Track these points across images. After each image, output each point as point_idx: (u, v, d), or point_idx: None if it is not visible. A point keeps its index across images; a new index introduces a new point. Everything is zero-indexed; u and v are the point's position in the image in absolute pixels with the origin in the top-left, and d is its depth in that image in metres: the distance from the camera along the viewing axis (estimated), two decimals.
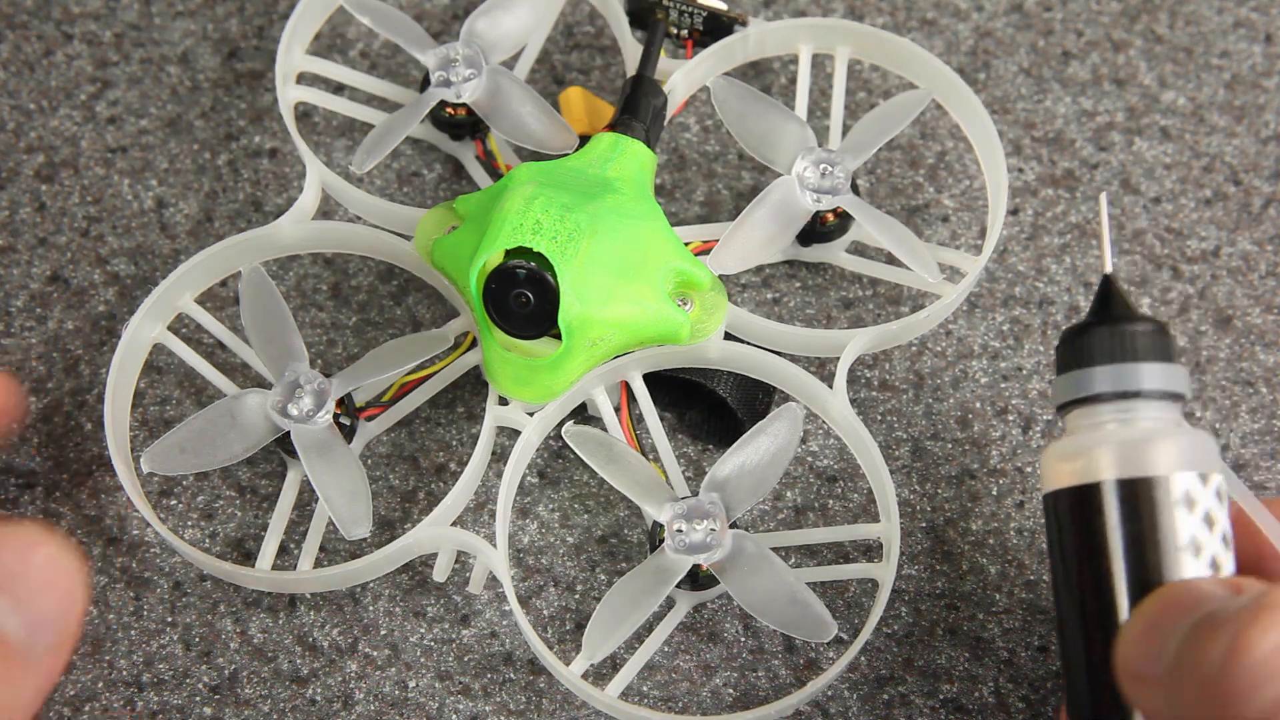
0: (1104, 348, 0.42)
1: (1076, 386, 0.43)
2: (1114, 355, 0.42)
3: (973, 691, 0.49)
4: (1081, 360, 0.43)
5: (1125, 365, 0.42)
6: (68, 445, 0.52)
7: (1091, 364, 0.42)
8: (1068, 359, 0.43)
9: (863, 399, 0.52)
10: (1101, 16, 0.59)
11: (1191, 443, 0.41)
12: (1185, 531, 0.40)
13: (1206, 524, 0.41)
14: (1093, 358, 0.42)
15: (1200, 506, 0.41)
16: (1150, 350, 0.42)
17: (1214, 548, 0.41)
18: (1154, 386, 0.42)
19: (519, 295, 0.46)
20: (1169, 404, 0.42)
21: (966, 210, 0.55)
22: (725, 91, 0.52)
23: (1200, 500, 0.41)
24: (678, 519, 0.47)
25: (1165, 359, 0.42)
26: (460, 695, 0.49)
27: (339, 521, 0.47)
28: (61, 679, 0.49)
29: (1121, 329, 0.42)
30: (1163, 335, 0.43)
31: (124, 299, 0.54)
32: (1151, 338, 0.42)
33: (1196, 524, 0.40)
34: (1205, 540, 0.40)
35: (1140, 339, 0.42)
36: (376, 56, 0.58)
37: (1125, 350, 0.42)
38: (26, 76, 0.58)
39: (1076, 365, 0.43)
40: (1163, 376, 0.42)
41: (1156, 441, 0.41)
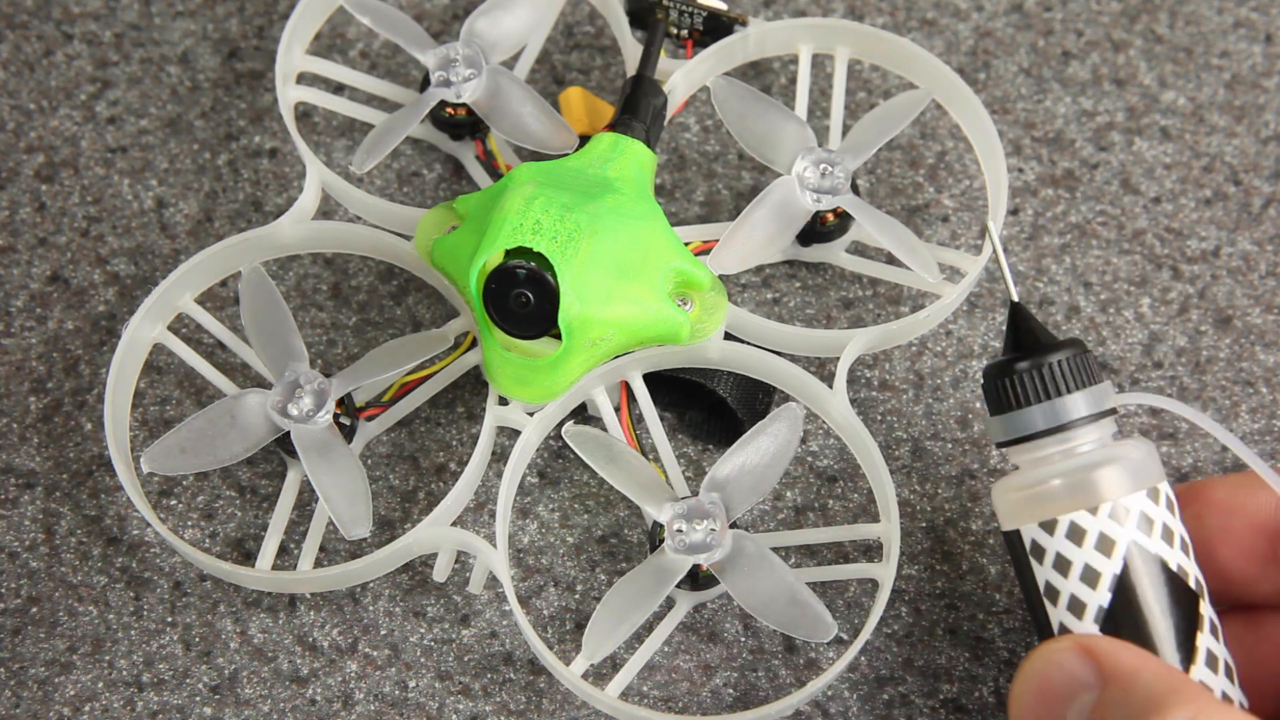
0: (1031, 387, 0.44)
1: (991, 431, 0.45)
2: (1043, 392, 0.44)
3: (973, 691, 0.49)
4: (1001, 404, 0.44)
5: (1055, 402, 0.43)
6: (68, 445, 0.52)
7: (1020, 406, 0.44)
8: (997, 400, 0.45)
9: (863, 399, 0.52)
10: (1101, 16, 0.59)
11: (1048, 491, 0.43)
12: (1040, 578, 0.43)
13: (1059, 570, 0.43)
14: (991, 404, 0.45)
15: (1049, 554, 0.43)
16: (1075, 379, 0.44)
17: (1071, 589, 0.42)
18: (1086, 413, 0.43)
19: (519, 295, 0.46)
20: (1100, 424, 0.44)
21: (966, 210, 0.55)
22: (725, 91, 0.52)
23: (1048, 548, 0.43)
24: (678, 519, 0.47)
25: (1087, 383, 0.44)
26: (460, 695, 0.49)
27: (339, 521, 0.47)
28: (61, 679, 0.49)
29: (1042, 362, 0.44)
30: (1081, 357, 0.44)
31: (124, 299, 0.54)
32: (1072, 365, 0.44)
33: (1048, 571, 0.43)
34: (1060, 585, 0.43)
35: (1062, 369, 0.44)
36: (376, 56, 0.58)
37: (1052, 385, 0.44)
38: (26, 76, 0.58)
39: (1004, 407, 0.44)
40: (1090, 402, 0.44)
41: (1021, 500, 0.44)
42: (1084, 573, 0.42)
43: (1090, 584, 0.42)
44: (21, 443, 0.52)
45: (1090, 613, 0.42)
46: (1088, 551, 0.42)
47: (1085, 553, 0.42)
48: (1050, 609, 0.43)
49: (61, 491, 0.51)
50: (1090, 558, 0.42)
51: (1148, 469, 0.43)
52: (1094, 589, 0.42)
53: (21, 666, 0.49)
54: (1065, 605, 0.42)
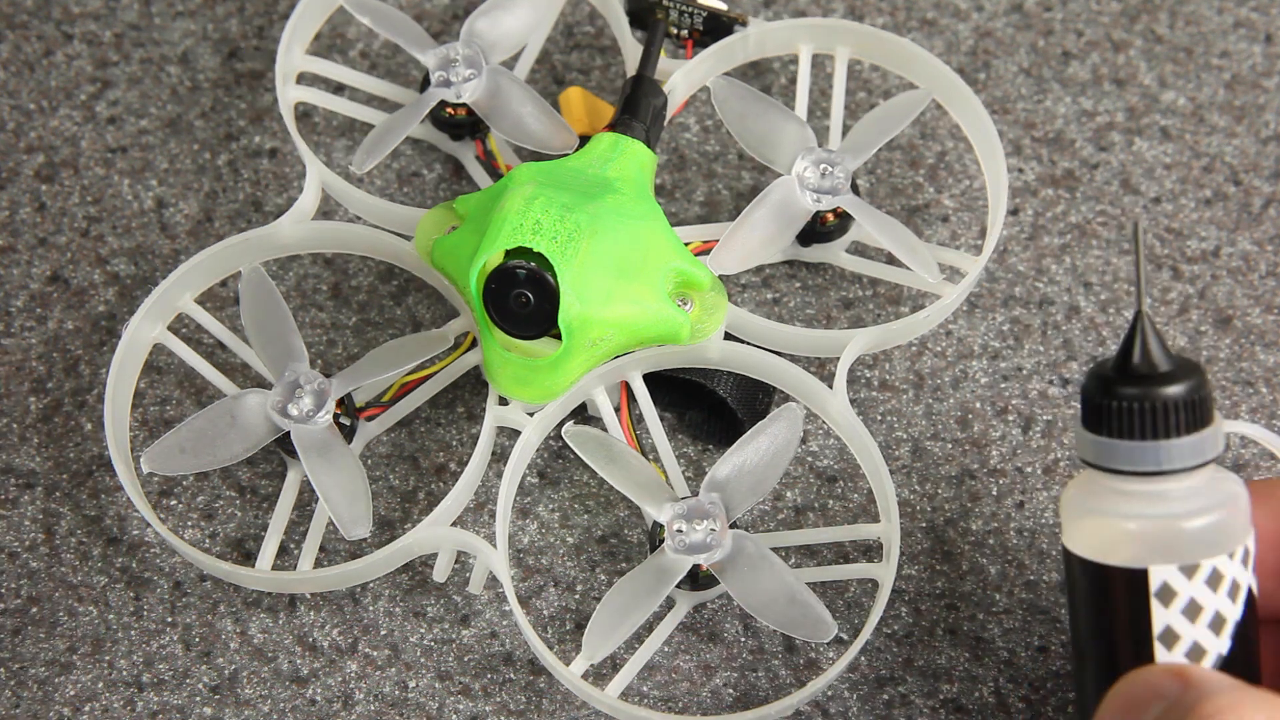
0: (1132, 420, 0.40)
1: (1100, 455, 0.41)
2: (1142, 430, 0.40)
3: (973, 691, 0.49)
4: (1108, 426, 0.40)
5: (1152, 444, 0.40)
6: (68, 445, 0.52)
7: (1118, 435, 0.40)
8: (1095, 413, 0.41)
9: (863, 399, 0.52)
10: (1101, 16, 0.59)
11: (1194, 532, 0.40)
12: (1160, 623, 0.40)
13: (1188, 615, 0.40)
14: (1120, 428, 0.40)
15: (1181, 598, 0.40)
16: (1181, 423, 0.40)
17: (1196, 635, 0.40)
18: (1182, 465, 0.40)
19: (519, 295, 0.46)
20: (1197, 474, 0.41)
21: (966, 210, 0.55)
22: (725, 91, 0.52)
23: (1181, 592, 0.40)
24: (678, 519, 0.47)
25: (1198, 426, 0.40)
26: (460, 695, 0.49)
27: (339, 521, 0.47)
28: (61, 679, 0.49)
29: (1153, 397, 0.40)
30: (1198, 394, 0.40)
31: (124, 299, 0.54)
32: (1184, 406, 0.40)
33: (1174, 616, 0.40)
34: (1184, 630, 0.40)
35: (1171, 411, 0.40)
36: (376, 56, 0.58)
37: (1155, 425, 0.40)
38: (26, 76, 0.58)
39: (1103, 429, 0.41)
40: (1192, 451, 0.40)
41: (1150, 537, 0.40)
42: (1213, 619, 0.40)
43: (1216, 631, 0.40)
44: (21, 443, 0.52)
45: (1209, 660, 0.40)
46: (1221, 598, 0.40)
47: (1219, 599, 0.40)
48: (1162, 652, 0.40)
49: (61, 491, 0.51)
50: (1222, 604, 0.40)
51: (1249, 507, 0.41)
52: (1218, 635, 0.40)
53: (21, 666, 0.49)
54: (1183, 651, 0.40)
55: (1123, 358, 0.41)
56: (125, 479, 0.48)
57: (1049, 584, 0.50)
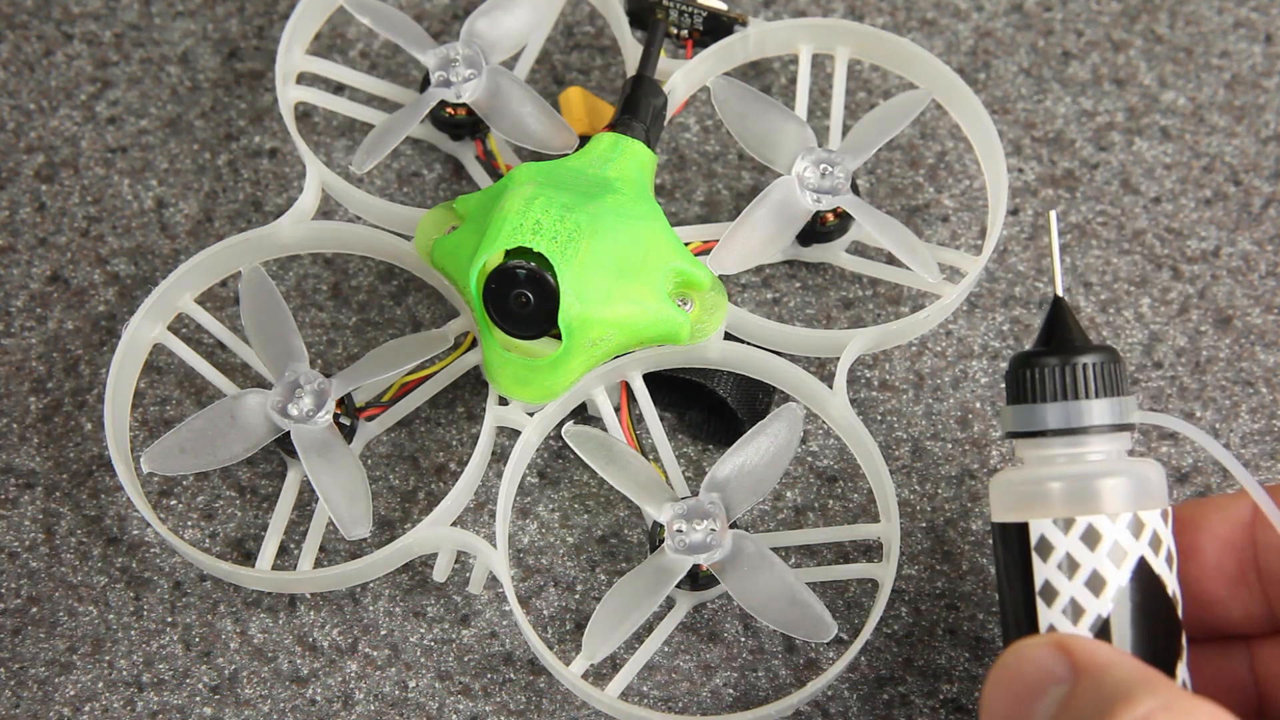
0: (1054, 383, 0.43)
1: (1025, 421, 0.43)
2: (1062, 391, 0.43)
3: (973, 691, 0.49)
4: (1031, 394, 0.43)
5: (1073, 403, 0.43)
6: (68, 445, 0.52)
7: (1041, 400, 0.43)
8: (1018, 388, 0.43)
9: (863, 399, 0.52)
10: (1101, 16, 0.59)
11: (1070, 488, 0.42)
12: (1040, 577, 0.42)
13: (1065, 571, 0.42)
14: (1041, 393, 0.43)
15: (1057, 553, 0.42)
16: (1098, 385, 0.43)
17: (1073, 592, 0.41)
18: (1103, 422, 0.42)
19: (519, 295, 0.46)
20: (1117, 436, 0.43)
21: (966, 210, 0.55)
22: (725, 91, 0.52)
23: (1058, 546, 0.42)
24: (678, 519, 0.47)
25: (1113, 392, 0.43)
26: (460, 695, 0.49)
27: (339, 521, 0.47)
28: (61, 679, 0.49)
29: (1072, 362, 0.43)
30: (1112, 365, 0.43)
31: (124, 299, 0.54)
32: (1100, 370, 0.43)
33: (1051, 570, 0.42)
34: (1061, 586, 0.42)
35: (1089, 372, 0.43)
36: (376, 56, 0.58)
37: (1074, 385, 0.43)
38: (26, 76, 0.58)
39: (1026, 397, 0.43)
40: (1109, 411, 0.43)
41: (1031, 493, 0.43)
42: (1090, 578, 0.41)
43: (1095, 591, 0.41)
44: (21, 443, 0.52)
45: (1087, 620, 0.41)
46: (1099, 557, 0.41)
47: (1097, 558, 0.41)
48: (1043, 609, 0.42)
49: (61, 491, 0.51)
50: (1101, 564, 0.41)
51: (1163, 490, 0.42)
52: (1097, 596, 0.41)
53: (21, 666, 0.49)
54: (1061, 608, 0.42)
55: (1044, 336, 0.44)
56: (125, 479, 0.48)
57: None
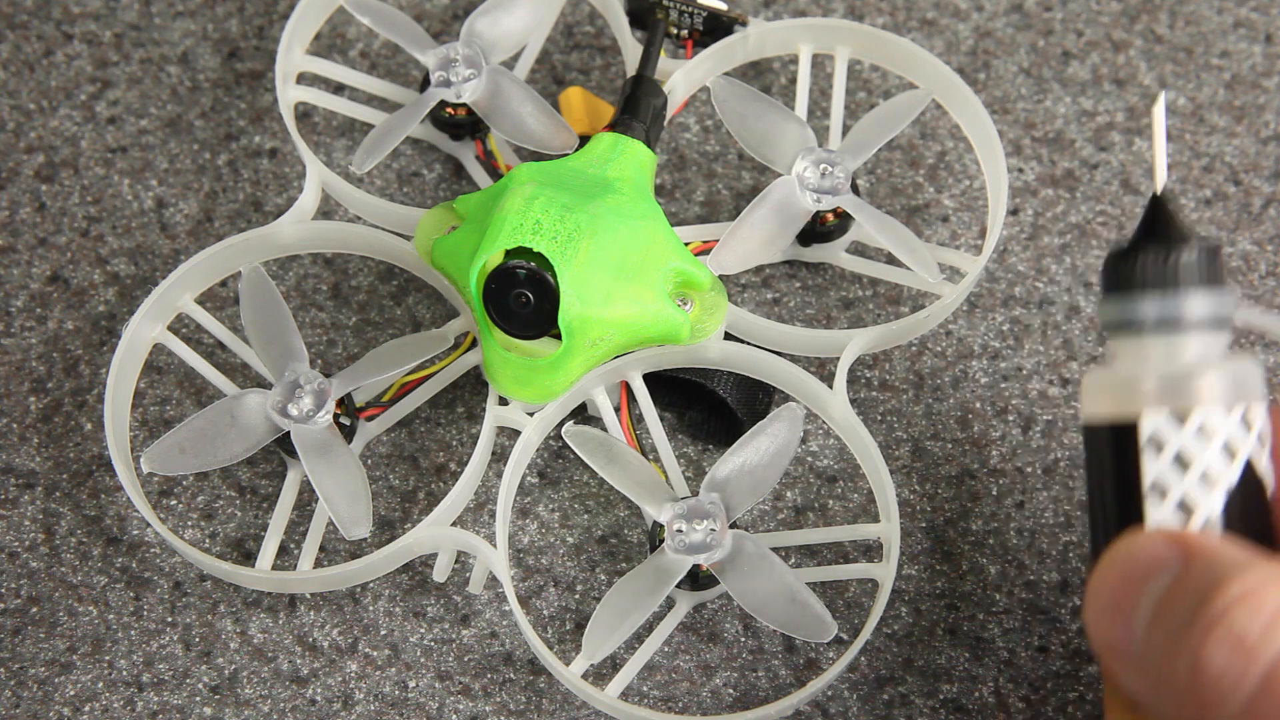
0: (1152, 272, 0.41)
1: (1124, 312, 0.42)
2: (1162, 280, 0.41)
3: (973, 691, 0.49)
4: (1128, 284, 0.42)
5: (1173, 295, 0.41)
6: (68, 445, 0.52)
7: (1139, 289, 0.41)
8: (1115, 280, 0.42)
9: (863, 399, 0.52)
10: (1101, 16, 0.59)
11: (1188, 380, 0.40)
12: (1150, 473, 0.41)
13: (1178, 465, 0.40)
14: (1139, 282, 0.41)
15: (1170, 447, 0.40)
16: (1199, 275, 0.41)
17: (1185, 488, 0.40)
18: (1202, 314, 0.41)
19: (519, 295, 0.46)
20: (1210, 333, 0.41)
21: (966, 210, 0.55)
22: (725, 91, 0.52)
23: (1171, 440, 0.40)
24: (678, 519, 0.47)
25: (1213, 283, 0.41)
26: (460, 695, 0.49)
27: (339, 521, 0.47)
28: (61, 679, 0.49)
29: (1171, 251, 0.41)
30: (1213, 257, 0.41)
31: (124, 299, 0.54)
32: (1200, 262, 0.41)
33: (1164, 466, 0.40)
34: (1172, 483, 0.40)
35: (1190, 264, 0.41)
36: (376, 56, 0.58)
37: (1173, 276, 0.41)
38: (26, 76, 0.58)
39: (1123, 287, 0.42)
40: (1210, 304, 0.41)
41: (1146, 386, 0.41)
42: (1204, 476, 0.40)
43: (1208, 488, 0.40)
44: (21, 443, 0.52)
45: (1199, 518, 0.40)
46: (1213, 452, 0.40)
47: (1210, 453, 0.40)
48: (1153, 508, 0.40)
49: (61, 491, 0.51)
50: (1212, 460, 0.40)
51: (1263, 387, 0.41)
52: (1211, 493, 0.40)
53: (21, 666, 0.49)
54: (1173, 505, 0.40)
55: (1142, 230, 0.42)
56: (125, 479, 0.48)
57: (1049, 584, 0.50)
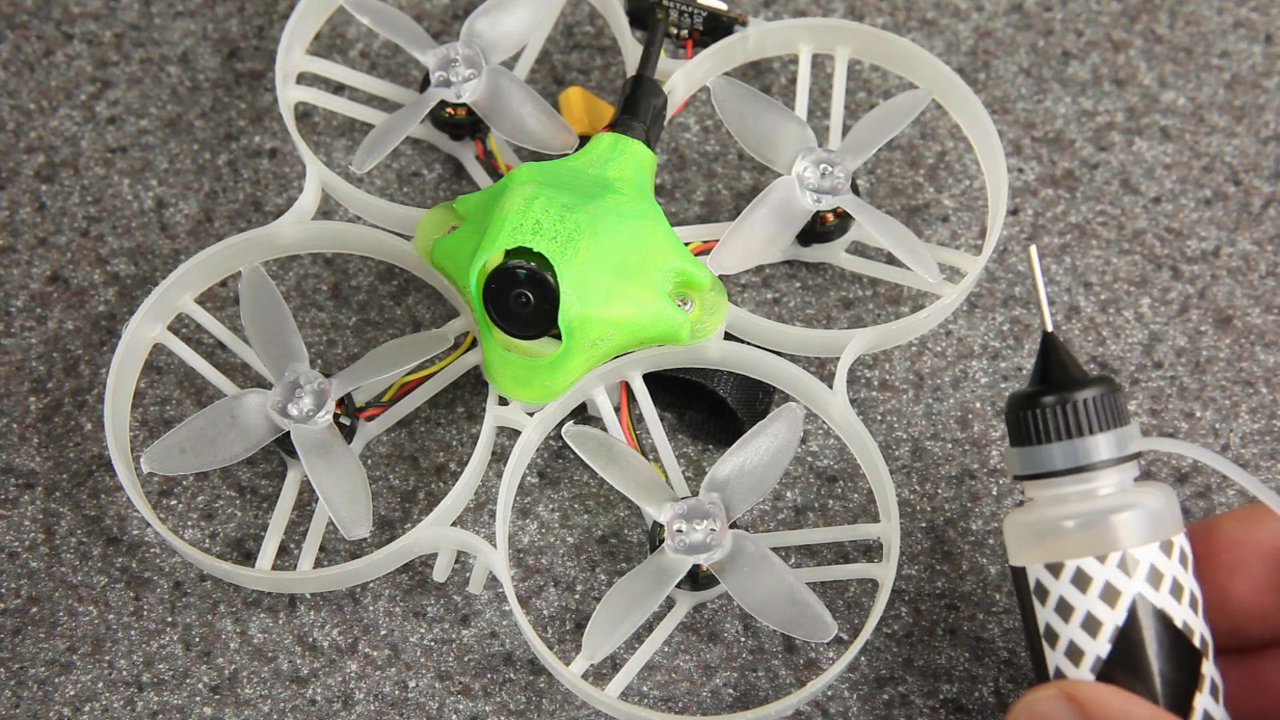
0: (1055, 423, 0.42)
1: (1025, 464, 0.43)
2: (1066, 430, 0.42)
3: (973, 691, 0.49)
4: (1021, 437, 0.43)
5: (1077, 441, 0.42)
6: (68, 445, 0.52)
7: (1042, 442, 0.43)
8: (1018, 431, 0.43)
9: (863, 399, 0.52)
10: (1101, 16, 0.59)
11: (1057, 531, 0.42)
12: (1042, 620, 0.42)
13: (1060, 614, 0.42)
14: (1046, 435, 0.43)
15: (1052, 597, 0.42)
16: (1100, 419, 0.42)
17: (1071, 635, 0.41)
18: (1108, 456, 0.42)
19: (519, 295, 0.46)
20: (1122, 468, 0.43)
21: (966, 210, 0.55)
22: (725, 91, 0.52)
23: (1052, 590, 0.42)
24: (678, 519, 0.47)
25: (1115, 424, 0.42)
26: (460, 695, 0.49)
27: (339, 521, 0.47)
28: (61, 679, 0.49)
29: (1068, 399, 0.42)
30: (1110, 397, 0.42)
31: (124, 299, 0.54)
32: (1100, 404, 0.42)
33: (1049, 614, 0.42)
34: (1060, 629, 0.42)
35: (1088, 408, 0.42)
36: (376, 56, 0.58)
37: (1075, 425, 0.42)
38: (26, 76, 0.58)
39: (1022, 440, 0.43)
40: (1114, 445, 0.42)
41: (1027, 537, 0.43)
42: (1085, 620, 0.41)
43: (1091, 632, 0.41)
44: (21, 443, 0.52)
45: (1088, 661, 0.41)
46: (1091, 599, 0.41)
47: (1089, 600, 0.41)
48: (1048, 652, 0.42)
49: (61, 491, 0.51)
50: (1093, 606, 0.41)
51: (1164, 519, 0.42)
52: (1094, 638, 0.41)
53: (21, 666, 0.49)
54: (1063, 650, 0.42)
55: (1039, 375, 0.43)
56: (125, 479, 0.48)
57: None
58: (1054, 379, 0.43)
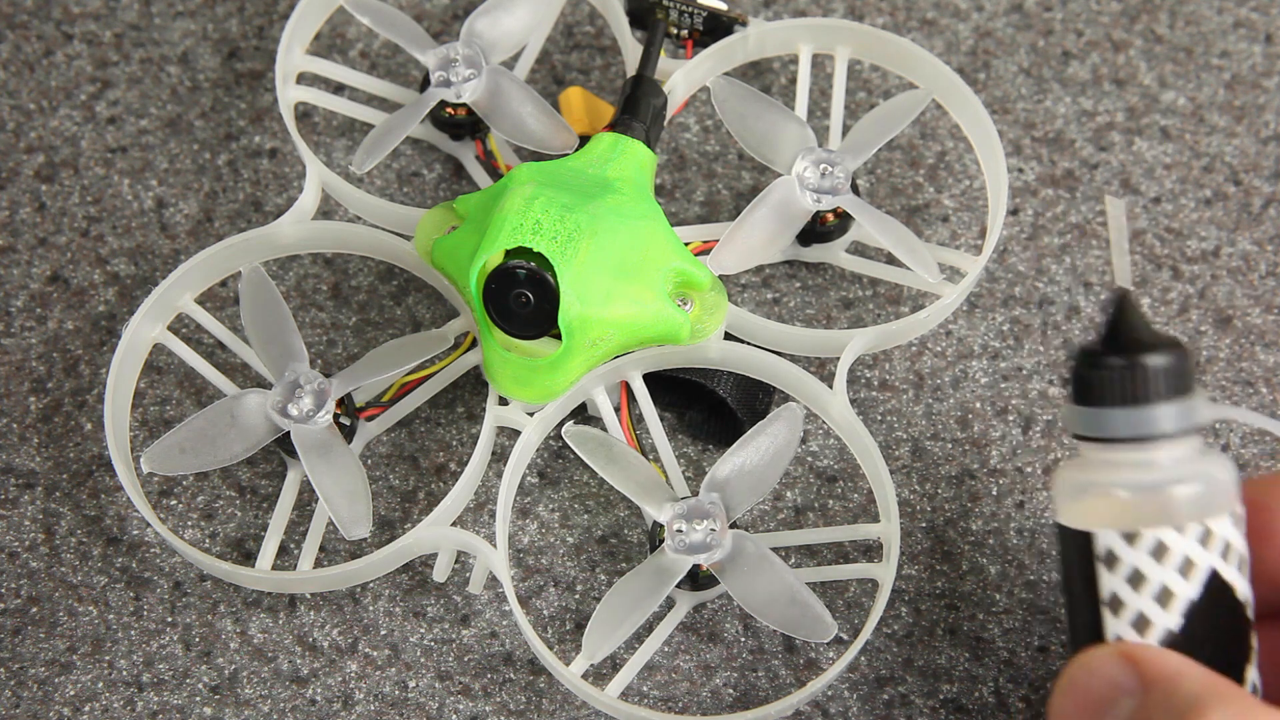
0: (1119, 388, 0.41)
1: (1089, 425, 0.41)
2: (1128, 397, 0.40)
3: (973, 691, 0.49)
4: (1096, 397, 0.41)
5: (1140, 410, 0.40)
6: (68, 445, 0.52)
7: (1106, 404, 0.41)
8: (1082, 390, 0.41)
9: (863, 399, 0.52)
10: (1101, 16, 0.59)
11: (1134, 500, 0.40)
12: (1106, 588, 0.41)
13: (1132, 584, 0.40)
14: (1106, 398, 0.41)
15: (1124, 565, 0.41)
16: (1166, 388, 0.40)
17: (1141, 605, 0.40)
18: (1171, 428, 0.40)
19: (519, 295, 0.46)
20: (1185, 439, 0.41)
21: (966, 210, 0.55)
22: (725, 91, 0.52)
23: (1124, 559, 0.41)
24: (678, 519, 0.47)
25: (1181, 393, 0.40)
26: (460, 695, 0.49)
27: (339, 521, 0.47)
28: (61, 679, 0.49)
29: (1137, 365, 0.40)
30: (1181, 364, 0.40)
31: (124, 299, 0.54)
32: (1168, 373, 0.40)
33: (1118, 582, 0.41)
34: (1129, 599, 0.41)
35: (1157, 377, 0.40)
36: (376, 56, 0.58)
37: (1141, 391, 0.40)
38: (26, 76, 0.58)
39: (1091, 400, 0.41)
40: (1177, 416, 0.40)
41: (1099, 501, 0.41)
42: (1160, 592, 0.40)
43: (1163, 605, 0.40)
44: (21, 443, 0.52)
45: (1156, 633, 0.40)
46: (1169, 572, 0.40)
47: (1166, 572, 0.40)
48: (1109, 619, 0.41)
49: (61, 491, 0.51)
50: (1170, 578, 0.40)
51: (1230, 491, 0.41)
52: (1166, 609, 0.40)
53: (21, 666, 0.49)
54: (1130, 620, 0.41)
55: (1109, 332, 0.41)
56: (125, 479, 0.48)
57: (1049, 584, 0.50)
58: (1126, 340, 0.41)
